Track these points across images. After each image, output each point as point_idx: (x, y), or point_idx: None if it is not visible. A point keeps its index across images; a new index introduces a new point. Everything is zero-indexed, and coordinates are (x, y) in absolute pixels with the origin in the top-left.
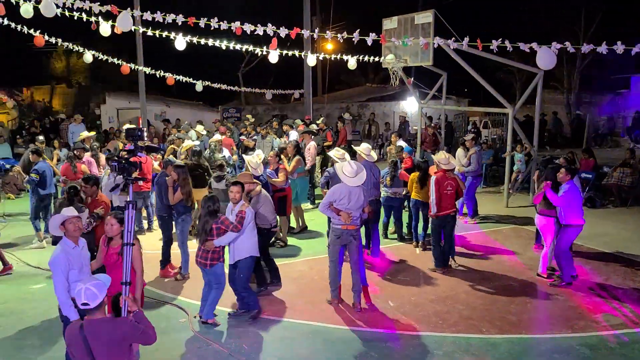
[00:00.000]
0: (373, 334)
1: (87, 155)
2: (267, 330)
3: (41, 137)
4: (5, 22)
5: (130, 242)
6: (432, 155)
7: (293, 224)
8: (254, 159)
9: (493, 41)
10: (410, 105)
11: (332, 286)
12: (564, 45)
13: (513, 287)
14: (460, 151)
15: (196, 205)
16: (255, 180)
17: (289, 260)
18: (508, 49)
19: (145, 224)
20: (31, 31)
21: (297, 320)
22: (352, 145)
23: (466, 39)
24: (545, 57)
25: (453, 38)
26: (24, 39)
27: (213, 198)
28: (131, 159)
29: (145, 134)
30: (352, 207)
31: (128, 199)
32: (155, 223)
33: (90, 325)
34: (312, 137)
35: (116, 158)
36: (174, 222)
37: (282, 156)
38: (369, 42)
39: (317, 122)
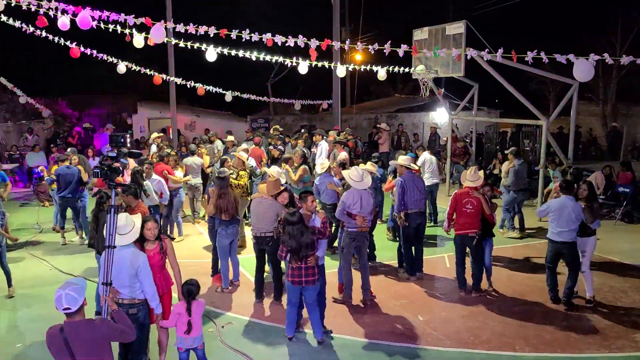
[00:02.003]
0: (401, 348)
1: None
2: (295, 342)
3: (71, 148)
4: (44, 34)
5: (112, 244)
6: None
7: None
8: (275, 169)
9: (528, 52)
10: (440, 116)
11: (348, 285)
12: (602, 57)
13: (548, 304)
14: (505, 164)
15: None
16: (282, 187)
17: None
18: (544, 60)
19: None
20: (67, 43)
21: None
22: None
23: (500, 50)
24: (583, 69)
25: (487, 49)
26: (61, 50)
27: (296, 213)
28: (114, 165)
29: (128, 140)
30: (364, 211)
31: (111, 204)
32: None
33: (71, 327)
34: (344, 147)
35: (99, 164)
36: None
37: (287, 165)
38: (401, 54)
39: (344, 132)
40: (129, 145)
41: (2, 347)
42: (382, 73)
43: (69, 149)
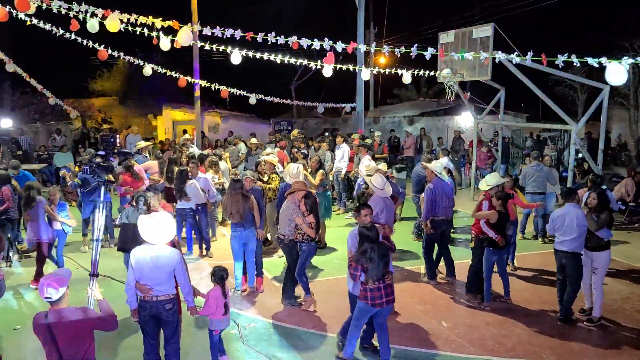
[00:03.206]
0: (424, 354)
1: (136, 165)
2: (317, 346)
3: (90, 149)
4: (73, 36)
5: (98, 239)
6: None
7: None
8: (294, 168)
9: (559, 56)
10: (465, 120)
11: None
12: (637, 61)
13: (576, 313)
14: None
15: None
16: (308, 188)
17: (340, 275)
18: (575, 64)
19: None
20: (95, 45)
21: None
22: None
23: (530, 54)
24: (616, 73)
25: (516, 52)
26: (90, 52)
27: (373, 228)
28: (103, 163)
29: (118, 140)
30: (390, 220)
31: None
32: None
33: (54, 315)
34: (368, 150)
35: (89, 162)
36: None
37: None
38: (428, 56)
39: (374, 136)
40: (118, 145)
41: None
42: (407, 76)
43: (86, 150)
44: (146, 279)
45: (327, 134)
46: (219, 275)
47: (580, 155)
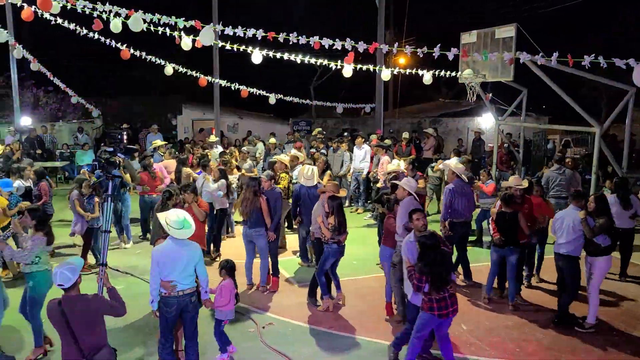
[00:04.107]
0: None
1: (155, 164)
2: (336, 347)
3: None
4: (96, 36)
5: (107, 230)
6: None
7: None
8: (308, 170)
9: (585, 57)
10: (485, 122)
11: (403, 302)
12: None
13: (600, 317)
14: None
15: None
16: (340, 191)
17: (357, 276)
18: (602, 65)
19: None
20: (118, 45)
21: (365, 338)
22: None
23: (555, 54)
24: None
25: (540, 53)
26: (112, 51)
27: (434, 235)
28: (111, 159)
29: (124, 137)
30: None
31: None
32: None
33: (67, 301)
34: (386, 151)
35: (97, 157)
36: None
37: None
38: (450, 57)
39: (402, 137)
40: (125, 141)
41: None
42: (427, 77)
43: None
44: (171, 275)
45: (345, 134)
46: (230, 267)
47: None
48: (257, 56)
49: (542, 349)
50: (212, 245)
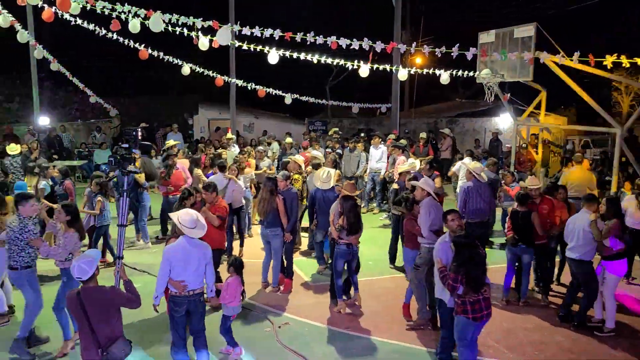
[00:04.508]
0: None
1: (179, 163)
2: (352, 347)
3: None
4: (115, 36)
5: (123, 224)
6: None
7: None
8: (324, 173)
9: (607, 56)
10: (503, 122)
11: (424, 306)
12: None
13: (621, 319)
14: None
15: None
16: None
17: (373, 277)
18: (624, 64)
19: None
20: (136, 45)
21: (381, 339)
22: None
23: (576, 54)
24: None
25: (561, 53)
26: (130, 52)
27: (470, 235)
28: (126, 155)
29: (139, 134)
30: (441, 224)
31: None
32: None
33: (85, 292)
34: (402, 151)
35: (113, 154)
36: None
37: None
38: (469, 57)
39: (420, 137)
40: (139, 138)
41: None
42: (445, 77)
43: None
44: (183, 274)
45: (362, 134)
46: (239, 263)
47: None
48: (273, 56)
49: (562, 352)
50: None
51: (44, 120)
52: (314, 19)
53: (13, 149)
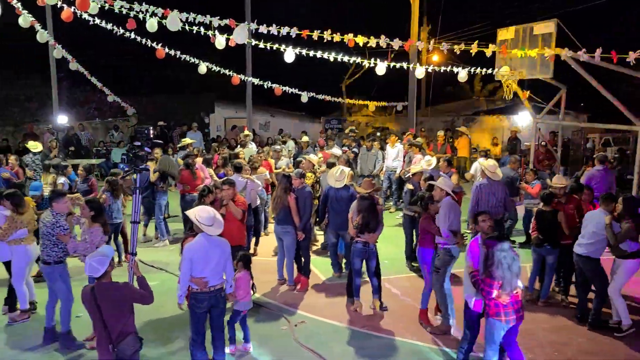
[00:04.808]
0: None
1: (198, 162)
2: (369, 347)
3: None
4: (132, 35)
5: (136, 220)
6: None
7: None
8: (337, 171)
9: (630, 53)
10: (522, 120)
11: (447, 310)
12: None
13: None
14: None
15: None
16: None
17: (389, 275)
18: None
19: None
20: (153, 44)
21: (399, 338)
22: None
23: (598, 51)
24: None
25: (583, 50)
26: (147, 50)
27: (505, 236)
28: (139, 152)
29: (151, 132)
30: (459, 224)
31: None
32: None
33: (99, 288)
34: (419, 150)
35: (126, 152)
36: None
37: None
38: (488, 54)
39: (437, 135)
40: (151, 136)
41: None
42: (462, 74)
43: (156, 149)
44: (204, 271)
45: (378, 133)
46: (245, 260)
47: None
48: (290, 54)
49: (581, 353)
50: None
51: (62, 119)
52: (330, 16)
53: (35, 146)
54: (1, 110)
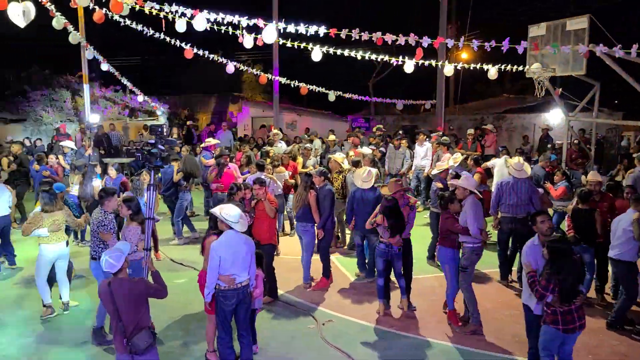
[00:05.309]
0: None
1: (231, 164)
2: (396, 346)
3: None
4: (162, 36)
5: (151, 217)
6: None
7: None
8: (364, 172)
9: None
10: (553, 117)
11: (476, 310)
12: None
13: None
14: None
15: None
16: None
17: (417, 275)
18: None
19: None
20: (182, 44)
21: (427, 339)
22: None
23: (635, 47)
24: None
25: (619, 45)
26: (177, 51)
27: (566, 239)
28: (152, 150)
29: (165, 130)
30: (482, 224)
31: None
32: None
33: (115, 283)
34: (448, 148)
35: (137, 148)
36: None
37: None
38: (520, 51)
39: (467, 133)
40: (165, 134)
41: None
42: (492, 72)
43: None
44: (232, 268)
45: (400, 131)
46: (257, 257)
47: None
48: (317, 53)
49: (616, 356)
50: None
51: (94, 118)
52: (357, 14)
53: (67, 146)
54: (36, 110)
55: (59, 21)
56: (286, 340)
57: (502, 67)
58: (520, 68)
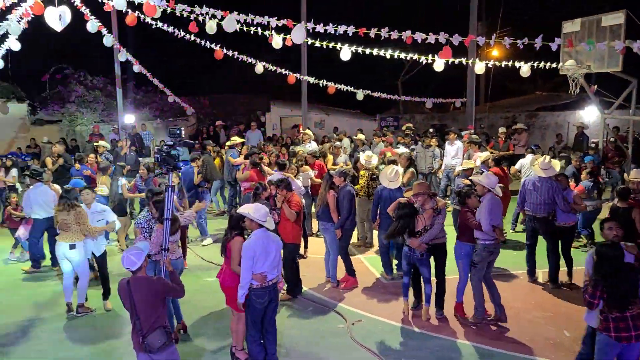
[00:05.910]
0: None
1: (263, 164)
2: (427, 347)
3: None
4: (192, 37)
5: (168, 217)
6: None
7: None
8: (391, 171)
9: None
10: (588, 115)
11: (481, 303)
12: None
13: None
14: None
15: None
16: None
17: (449, 275)
18: None
19: None
20: (212, 45)
21: (456, 340)
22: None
23: None
24: None
25: None
26: (206, 51)
27: (616, 244)
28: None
29: (183, 132)
30: (500, 221)
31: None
32: None
33: (134, 282)
34: (479, 147)
35: (157, 149)
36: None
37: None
38: (554, 48)
39: (499, 132)
40: (183, 136)
41: None
42: (525, 69)
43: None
44: (263, 267)
45: (430, 130)
46: None
47: None
48: (346, 53)
49: None
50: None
51: (129, 119)
52: (386, 13)
53: (103, 145)
54: (71, 111)
55: (93, 25)
56: (314, 340)
57: (535, 64)
58: (554, 65)
